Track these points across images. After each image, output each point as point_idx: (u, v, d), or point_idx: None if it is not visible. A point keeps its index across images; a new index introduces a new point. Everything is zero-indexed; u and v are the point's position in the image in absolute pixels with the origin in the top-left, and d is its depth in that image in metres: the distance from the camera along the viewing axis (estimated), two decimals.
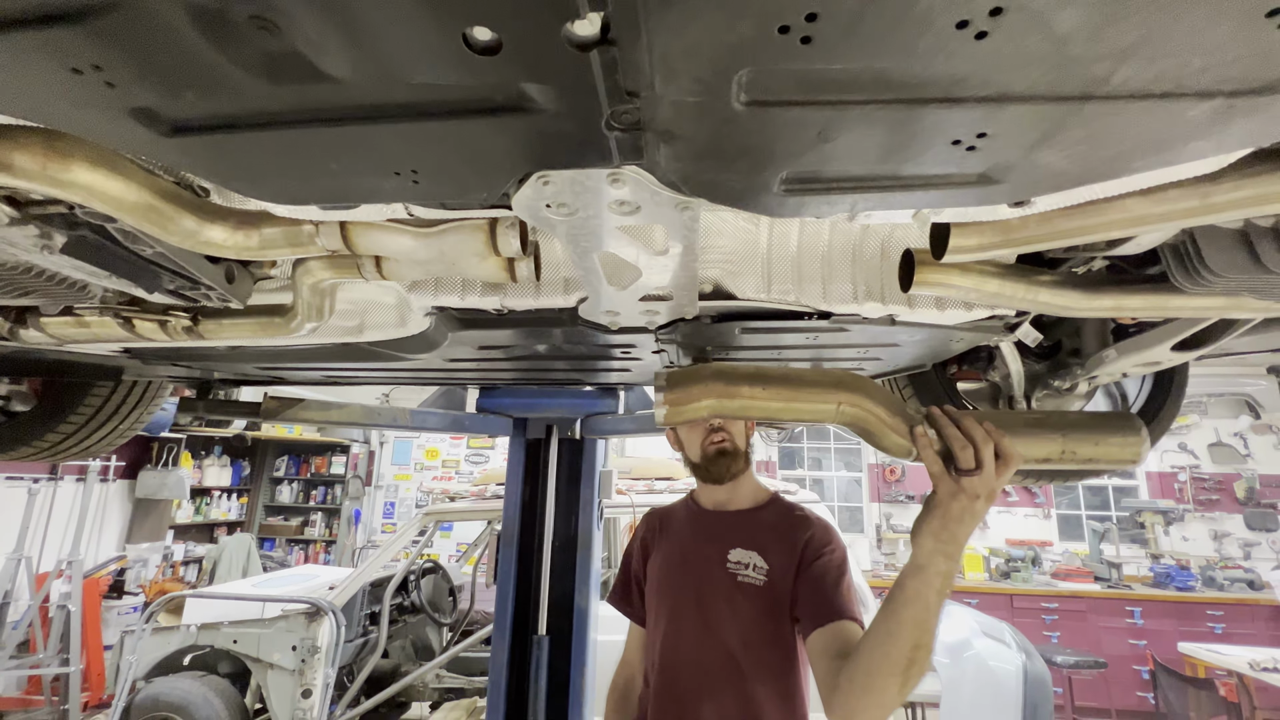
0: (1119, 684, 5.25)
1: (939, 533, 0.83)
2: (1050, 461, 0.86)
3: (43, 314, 1.24)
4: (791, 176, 0.62)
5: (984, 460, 0.80)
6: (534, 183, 0.64)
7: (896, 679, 0.87)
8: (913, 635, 0.86)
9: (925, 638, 0.86)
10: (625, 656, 1.45)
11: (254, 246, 0.84)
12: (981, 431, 0.82)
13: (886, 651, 0.88)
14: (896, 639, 0.87)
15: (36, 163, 0.64)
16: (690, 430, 1.37)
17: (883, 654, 0.89)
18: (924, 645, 0.86)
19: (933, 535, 0.83)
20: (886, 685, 0.88)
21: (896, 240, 1.05)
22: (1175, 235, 0.86)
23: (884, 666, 0.88)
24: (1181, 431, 6.61)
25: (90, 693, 4.62)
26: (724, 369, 0.88)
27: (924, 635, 0.86)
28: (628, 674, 1.43)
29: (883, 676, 0.88)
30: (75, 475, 5.16)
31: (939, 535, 0.83)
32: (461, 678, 4.07)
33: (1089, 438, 0.84)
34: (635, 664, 1.42)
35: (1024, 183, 0.61)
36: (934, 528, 0.83)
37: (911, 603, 0.86)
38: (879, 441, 0.87)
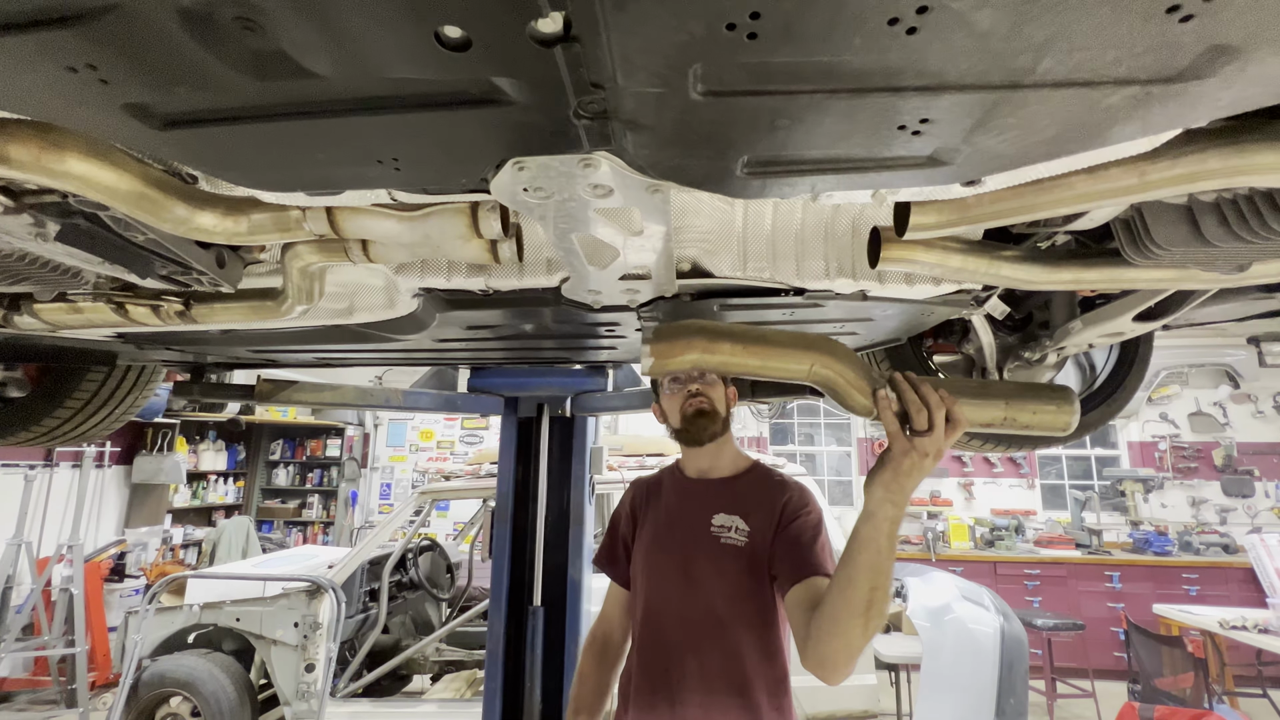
0: (1096, 645, 5.45)
1: (889, 484, 0.91)
2: (993, 426, 0.94)
3: (37, 300, 1.27)
4: (753, 160, 0.65)
5: (935, 423, 0.88)
6: (510, 169, 0.68)
7: (859, 620, 0.95)
8: (869, 579, 0.94)
9: (881, 580, 0.94)
10: (604, 612, 1.52)
11: (243, 232, 0.87)
12: (935, 397, 0.90)
13: (847, 597, 0.96)
14: (855, 584, 0.95)
15: (31, 154, 0.67)
16: (671, 398, 1.42)
17: (844, 599, 0.96)
18: (880, 587, 0.94)
19: (884, 486, 0.91)
20: (851, 627, 0.96)
21: (866, 219, 1.09)
22: (1125, 211, 0.91)
23: (846, 610, 0.96)
24: (1163, 402, 6.75)
25: (97, 672, 4.72)
26: (707, 325, 0.93)
27: (879, 578, 0.94)
28: (605, 629, 1.50)
29: (846, 619, 0.96)
30: (71, 462, 5.18)
31: (889, 486, 0.91)
32: (461, 650, 4.18)
33: (1028, 406, 0.92)
34: (614, 620, 1.49)
35: (969, 164, 0.65)
36: (885, 479, 0.91)
37: (865, 548, 0.94)
38: (844, 400, 0.94)
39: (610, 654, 1.48)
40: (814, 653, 1.03)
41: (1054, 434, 0.93)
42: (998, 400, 0.92)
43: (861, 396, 0.91)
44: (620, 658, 1.47)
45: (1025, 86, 0.51)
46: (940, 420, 0.89)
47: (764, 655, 1.26)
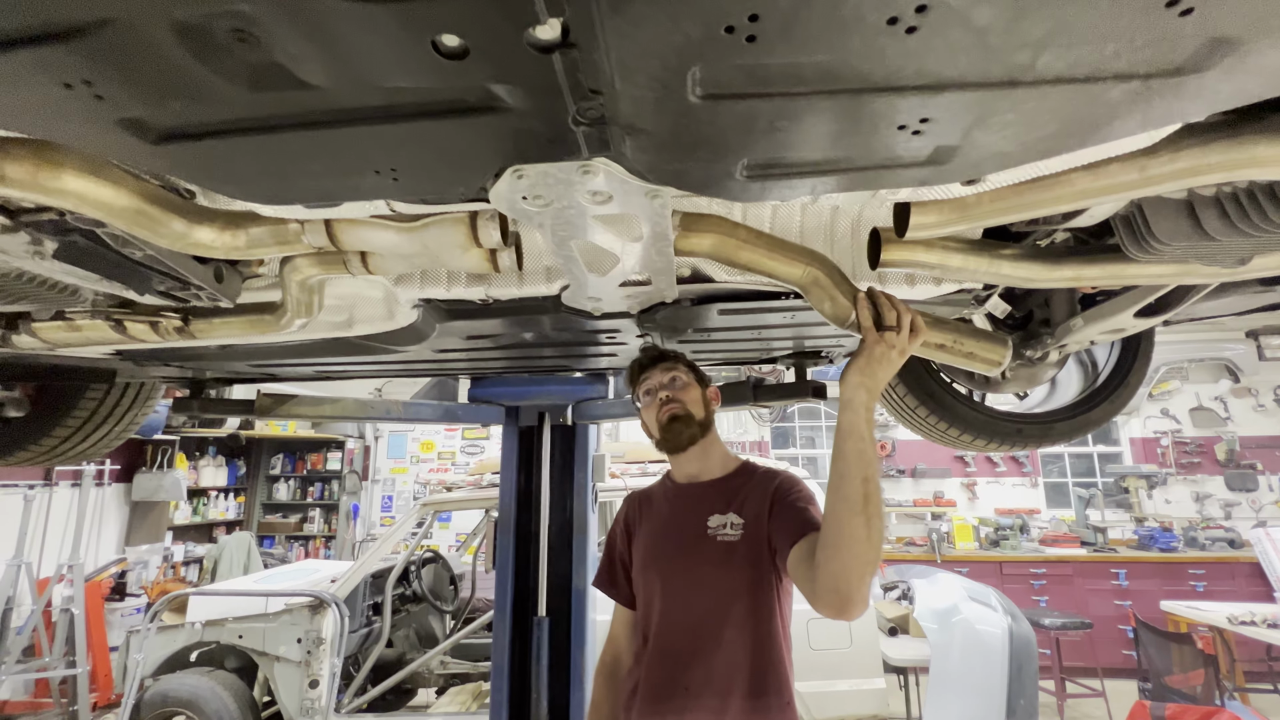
0: (1104, 643, 5.42)
1: (863, 369, 1.01)
2: (944, 348, 1.09)
3: (34, 319, 1.26)
4: (752, 163, 0.65)
5: (903, 323, 1.01)
6: (509, 177, 0.67)
7: (860, 518, 0.97)
8: (859, 468, 0.99)
9: (870, 470, 0.99)
10: (612, 634, 1.49)
11: (242, 246, 0.86)
12: (903, 306, 1.02)
13: (844, 493, 0.99)
14: (848, 477, 0.99)
15: (28, 173, 0.67)
16: (647, 409, 1.43)
17: (841, 497, 0.99)
18: (871, 479, 0.99)
19: (858, 372, 1.02)
20: (854, 528, 0.98)
21: (866, 220, 1.09)
22: (1125, 207, 0.91)
23: (846, 509, 0.99)
24: (1163, 397, 6.74)
25: (99, 693, 4.67)
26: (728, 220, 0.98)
27: (868, 468, 0.99)
28: (614, 652, 1.47)
29: (848, 519, 0.98)
30: (70, 480, 5.16)
31: (863, 371, 1.01)
32: (466, 663, 4.15)
33: (972, 339, 1.11)
34: (621, 643, 1.46)
35: (969, 162, 0.64)
36: (859, 365, 1.02)
37: (849, 435, 1.01)
38: (829, 305, 1.02)
39: (620, 677, 1.44)
40: (825, 579, 1.02)
41: (988, 368, 1.11)
42: (949, 328, 1.09)
43: (844, 299, 1.01)
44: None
45: (1024, 83, 0.51)
46: (906, 322, 1.01)
47: (769, 651, 1.25)
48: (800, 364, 1.80)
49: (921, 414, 1.78)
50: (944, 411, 1.76)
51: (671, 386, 1.41)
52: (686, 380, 1.42)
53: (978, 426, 1.76)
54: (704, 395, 1.44)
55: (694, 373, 1.46)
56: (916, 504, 6.86)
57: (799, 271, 0.98)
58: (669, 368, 1.44)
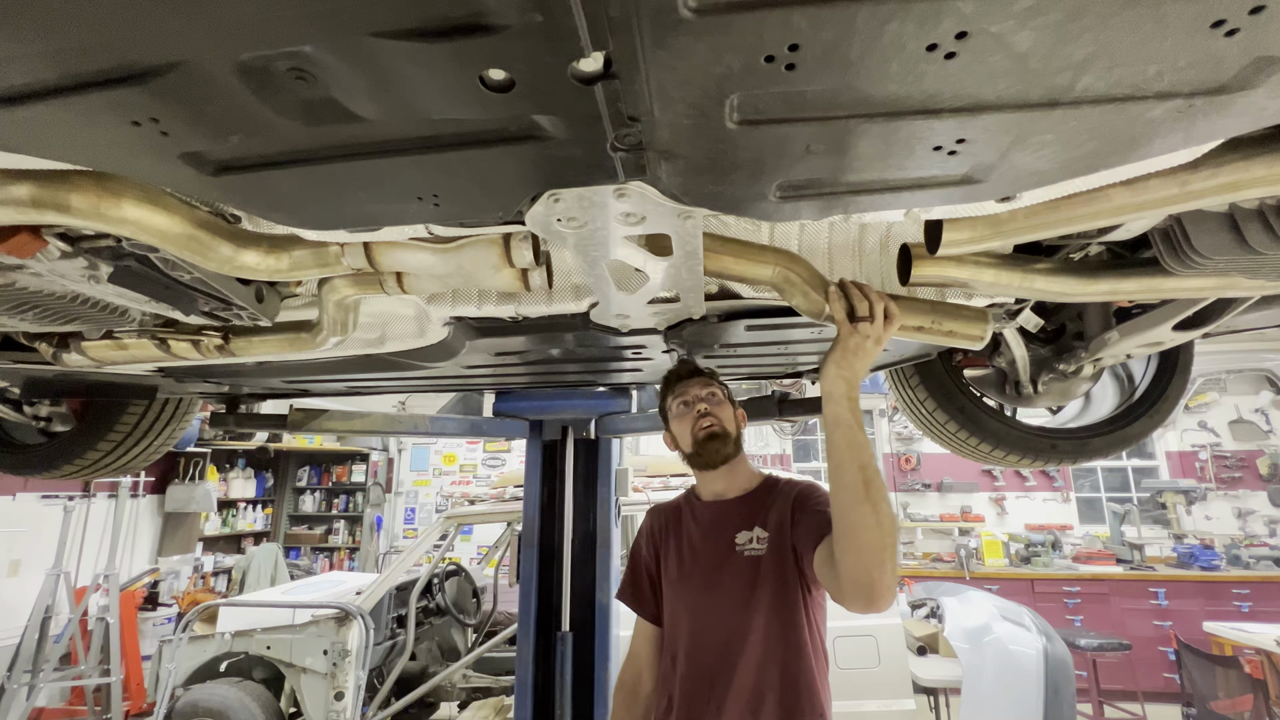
0: (1144, 665, 5.22)
1: (840, 361, 1.03)
2: (923, 330, 1.06)
3: (85, 339, 1.31)
4: (786, 185, 0.66)
5: (875, 313, 1.01)
6: (545, 201, 0.69)
7: (864, 505, 1.00)
8: (852, 456, 1.02)
9: (864, 456, 1.02)
10: (633, 651, 1.47)
11: (284, 268, 0.89)
12: (875, 294, 1.02)
13: (844, 484, 1.02)
14: (844, 468, 1.02)
15: (90, 203, 0.70)
16: (680, 422, 1.42)
17: (842, 489, 1.02)
18: (867, 464, 1.02)
19: (835, 364, 1.04)
20: (861, 516, 1.00)
21: (894, 235, 1.09)
22: (1163, 220, 0.89)
23: (849, 499, 1.01)
24: (1201, 410, 6.53)
25: (131, 701, 4.76)
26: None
27: (861, 454, 1.02)
28: (635, 670, 1.45)
29: (853, 510, 1.01)
30: (107, 492, 5.31)
31: (840, 363, 1.04)
32: (488, 677, 4.15)
33: (949, 317, 1.06)
34: (643, 661, 1.44)
35: (1005, 181, 0.64)
36: (836, 358, 1.04)
37: (836, 426, 1.04)
38: (801, 300, 1.02)
39: (642, 697, 1.43)
40: (845, 573, 1.04)
41: (971, 343, 1.08)
42: (925, 307, 1.06)
43: (816, 294, 1.01)
44: (653, 704, 1.42)
45: (1064, 104, 0.51)
46: (880, 311, 1.00)
47: (799, 666, 1.24)
48: None
49: (951, 429, 1.75)
50: (974, 426, 1.73)
51: (710, 401, 1.41)
52: (722, 398, 1.43)
53: (1010, 442, 1.72)
54: (735, 414, 1.44)
55: (727, 391, 1.46)
56: (943, 519, 6.71)
57: (769, 272, 0.99)
58: (707, 383, 1.43)
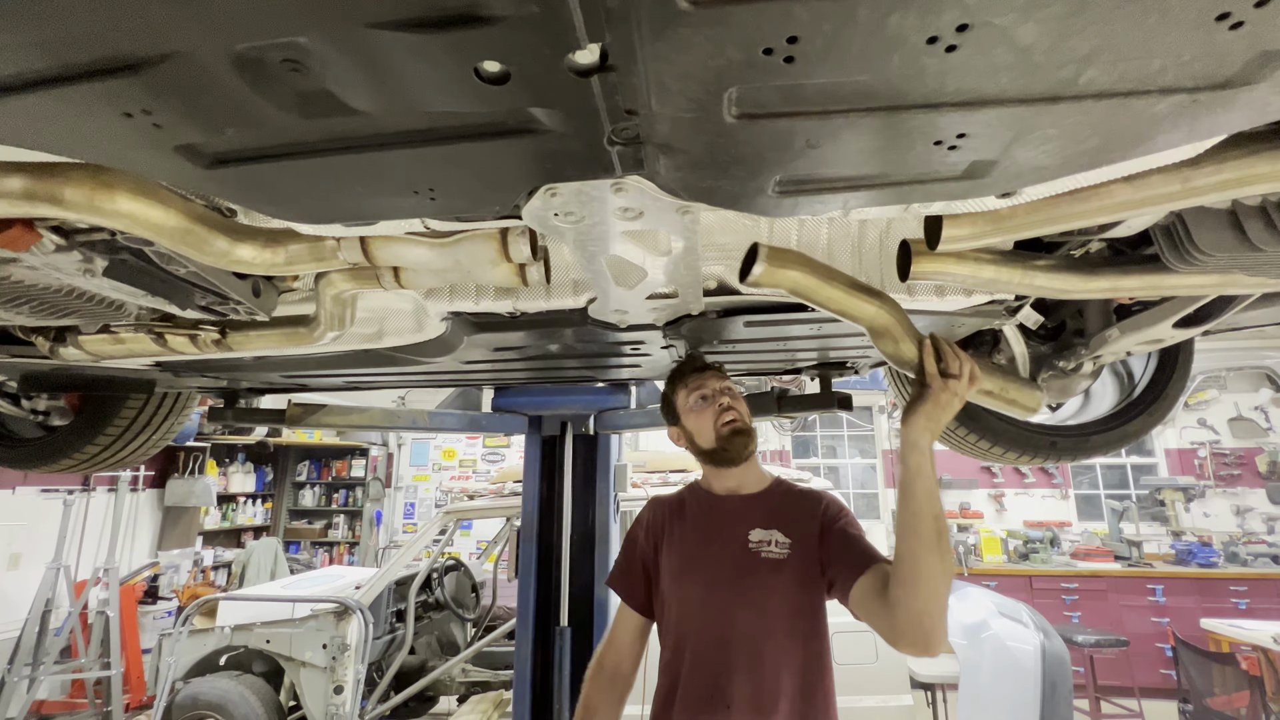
0: (1141, 662, 5.24)
1: (930, 414, 1.05)
2: (992, 395, 1.14)
3: (81, 333, 1.31)
4: (785, 180, 0.65)
5: (964, 371, 1.05)
6: (542, 195, 0.68)
7: (935, 555, 1.02)
8: (930, 506, 1.04)
9: (938, 507, 1.05)
10: (614, 636, 1.43)
11: (281, 263, 0.89)
12: (963, 354, 1.08)
13: (919, 531, 1.03)
14: (921, 516, 1.03)
15: (84, 196, 0.69)
16: (698, 416, 1.39)
17: (916, 535, 1.03)
18: (940, 515, 1.04)
19: (925, 416, 1.05)
20: (930, 564, 1.02)
21: (894, 232, 1.08)
22: (1165, 217, 0.89)
23: (922, 547, 1.03)
24: (1200, 407, 6.53)
25: (131, 694, 4.78)
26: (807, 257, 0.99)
27: (937, 505, 1.05)
28: (616, 658, 1.41)
29: (924, 556, 1.02)
30: (107, 486, 5.31)
31: (930, 415, 1.05)
32: (487, 671, 4.16)
33: (1016, 386, 1.17)
34: (624, 648, 1.41)
35: (1006, 177, 0.64)
36: (926, 410, 1.05)
37: (918, 476, 1.05)
38: (893, 347, 1.05)
39: (620, 684, 1.40)
40: (905, 617, 1.05)
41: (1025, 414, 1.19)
42: (997, 375, 1.16)
43: (910, 344, 1.05)
44: (629, 688, 1.41)
45: (1067, 98, 0.50)
46: (967, 370, 1.05)
47: (817, 673, 1.24)
48: (825, 374, 1.78)
49: (950, 425, 1.75)
50: (974, 424, 1.73)
51: (731, 395, 1.39)
52: (738, 390, 1.40)
53: (1009, 439, 1.72)
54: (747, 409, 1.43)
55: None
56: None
57: (871, 312, 1.00)
58: (722, 376, 1.41)
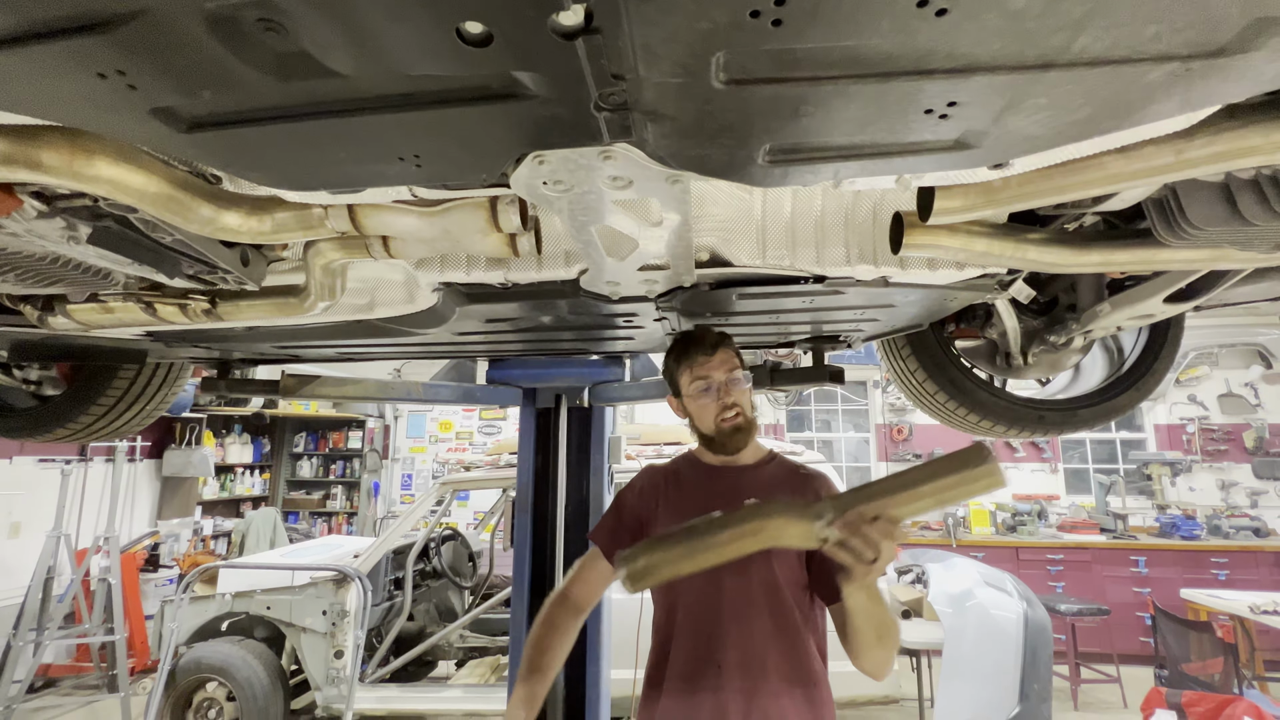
0: (1121, 630, 5.39)
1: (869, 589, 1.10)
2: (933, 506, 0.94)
3: (69, 301, 1.30)
4: (775, 148, 0.65)
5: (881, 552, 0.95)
6: (530, 163, 0.68)
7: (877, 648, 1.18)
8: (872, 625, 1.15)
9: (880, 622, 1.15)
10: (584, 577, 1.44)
11: (267, 231, 0.88)
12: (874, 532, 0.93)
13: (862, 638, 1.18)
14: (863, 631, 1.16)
15: (63, 160, 0.68)
16: (699, 405, 1.37)
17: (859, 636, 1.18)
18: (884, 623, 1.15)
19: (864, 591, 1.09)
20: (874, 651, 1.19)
21: (887, 204, 1.07)
22: (1158, 190, 0.88)
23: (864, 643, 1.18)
24: (1191, 383, 6.59)
25: (135, 659, 4.88)
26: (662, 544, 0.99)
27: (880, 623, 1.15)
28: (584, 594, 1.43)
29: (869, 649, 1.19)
30: (104, 456, 5.33)
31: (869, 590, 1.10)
32: (484, 637, 4.26)
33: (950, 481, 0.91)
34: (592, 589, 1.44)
35: (998, 147, 0.63)
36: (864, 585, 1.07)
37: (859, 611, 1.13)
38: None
39: (580, 616, 1.43)
40: (857, 663, 1.23)
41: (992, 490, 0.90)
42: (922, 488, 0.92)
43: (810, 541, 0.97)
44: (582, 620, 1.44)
45: (1059, 65, 0.49)
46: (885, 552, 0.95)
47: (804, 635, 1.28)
48: (818, 348, 1.79)
49: (941, 399, 1.76)
50: (963, 397, 1.74)
51: (734, 387, 1.35)
52: (741, 373, 1.36)
53: (998, 412, 1.74)
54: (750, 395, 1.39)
55: (741, 360, 1.39)
56: None
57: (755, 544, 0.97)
58: (728, 362, 1.35)
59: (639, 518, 1.46)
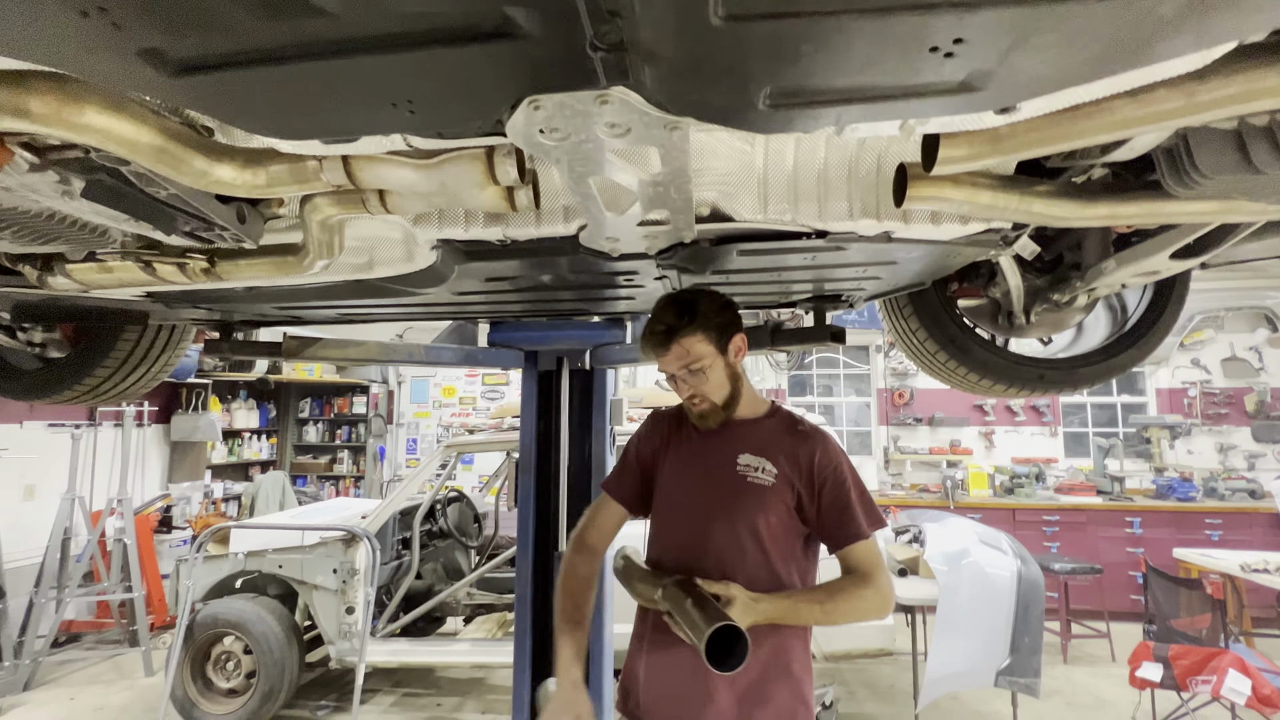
0: (1113, 588, 5.51)
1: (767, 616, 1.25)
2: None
3: (68, 260, 1.29)
4: (776, 91, 0.63)
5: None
6: (525, 108, 0.66)
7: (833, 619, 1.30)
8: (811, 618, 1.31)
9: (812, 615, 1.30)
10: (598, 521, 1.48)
11: (262, 184, 0.87)
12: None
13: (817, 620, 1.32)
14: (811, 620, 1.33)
15: (51, 108, 0.67)
16: (672, 384, 1.40)
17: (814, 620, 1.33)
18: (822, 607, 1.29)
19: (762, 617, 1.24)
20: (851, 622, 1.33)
21: (892, 155, 1.05)
22: (1168, 138, 0.86)
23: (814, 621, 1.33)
24: (1195, 347, 6.57)
25: (154, 615, 5.05)
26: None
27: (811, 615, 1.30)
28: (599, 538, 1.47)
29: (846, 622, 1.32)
30: (113, 421, 5.40)
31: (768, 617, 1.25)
32: (491, 594, 4.38)
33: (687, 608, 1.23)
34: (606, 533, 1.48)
35: (1005, 88, 0.61)
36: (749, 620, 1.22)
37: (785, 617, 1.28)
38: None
39: (598, 559, 1.47)
40: None
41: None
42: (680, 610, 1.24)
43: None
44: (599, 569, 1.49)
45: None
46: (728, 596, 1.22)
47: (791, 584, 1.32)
48: (819, 308, 1.78)
49: (941, 359, 1.76)
50: (964, 356, 1.74)
51: (690, 379, 1.34)
52: (703, 360, 1.31)
53: (998, 371, 1.74)
54: (726, 362, 1.35)
55: (713, 334, 1.32)
56: (933, 452, 6.89)
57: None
58: (680, 355, 1.32)
59: (644, 461, 1.50)
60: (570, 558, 1.47)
